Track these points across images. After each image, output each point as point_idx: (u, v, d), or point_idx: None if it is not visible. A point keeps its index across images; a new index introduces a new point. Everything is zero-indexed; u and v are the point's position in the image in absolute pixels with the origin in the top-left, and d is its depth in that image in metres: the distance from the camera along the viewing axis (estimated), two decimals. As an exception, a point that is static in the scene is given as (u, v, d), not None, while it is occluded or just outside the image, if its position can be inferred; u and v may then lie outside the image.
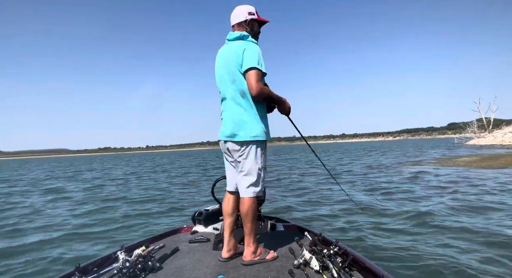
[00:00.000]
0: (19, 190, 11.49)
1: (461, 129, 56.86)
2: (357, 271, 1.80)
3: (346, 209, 5.58)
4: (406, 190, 7.34)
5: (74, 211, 6.79)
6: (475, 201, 5.69)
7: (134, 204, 7.35)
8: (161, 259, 2.12)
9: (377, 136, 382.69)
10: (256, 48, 2.00)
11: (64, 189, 11.25)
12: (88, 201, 8.07)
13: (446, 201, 5.76)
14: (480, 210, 4.99)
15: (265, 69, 1.97)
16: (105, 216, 6.06)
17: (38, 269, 3.38)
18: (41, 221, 5.85)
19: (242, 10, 2.12)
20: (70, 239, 4.50)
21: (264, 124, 2.08)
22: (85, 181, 14.42)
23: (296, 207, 6.00)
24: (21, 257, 3.76)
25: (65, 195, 9.43)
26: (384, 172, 11.58)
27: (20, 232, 5.10)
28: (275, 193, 7.85)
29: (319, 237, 2.22)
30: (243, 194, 2.05)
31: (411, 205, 5.68)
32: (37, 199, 8.94)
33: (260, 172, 2.06)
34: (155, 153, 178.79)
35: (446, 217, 4.63)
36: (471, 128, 43.48)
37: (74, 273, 1.79)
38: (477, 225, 4.13)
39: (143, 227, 5.07)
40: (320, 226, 4.54)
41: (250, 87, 1.93)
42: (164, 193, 9.02)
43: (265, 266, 1.95)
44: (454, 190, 6.98)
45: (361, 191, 7.51)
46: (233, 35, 2.09)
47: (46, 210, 7.00)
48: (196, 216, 2.87)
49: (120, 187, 11.03)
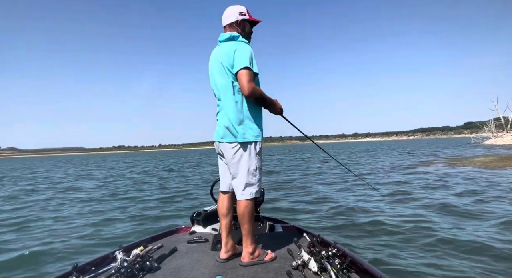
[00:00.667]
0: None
1: (478, 128, 55.41)
2: (355, 273, 1.79)
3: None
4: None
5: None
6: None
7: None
8: (159, 259, 2.12)
9: (390, 136, 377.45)
10: (247, 48, 1.99)
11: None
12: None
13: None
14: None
15: (256, 69, 1.97)
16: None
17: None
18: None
19: (233, 11, 2.11)
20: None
21: (258, 125, 2.07)
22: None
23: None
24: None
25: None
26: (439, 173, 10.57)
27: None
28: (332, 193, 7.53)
29: (318, 238, 2.22)
30: (240, 196, 2.03)
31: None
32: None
33: (256, 172, 2.04)
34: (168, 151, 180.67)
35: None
36: (488, 128, 42.25)
37: (72, 272, 1.79)
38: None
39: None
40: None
41: (242, 87, 1.93)
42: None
43: (263, 267, 1.94)
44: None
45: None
46: (224, 36, 2.09)
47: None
48: (194, 216, 2.87)
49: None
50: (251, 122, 2.02)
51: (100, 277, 1.87)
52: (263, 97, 2.02)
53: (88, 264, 2.02)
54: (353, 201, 6.40)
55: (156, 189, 9.94)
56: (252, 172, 2.02)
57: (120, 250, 2.10)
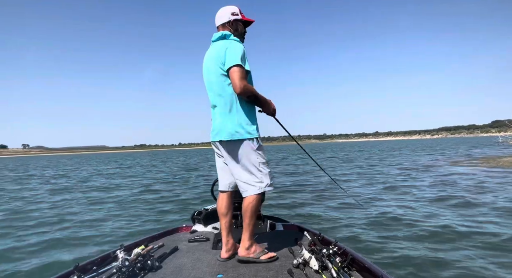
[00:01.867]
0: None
1: (507, 127, 52.86)
2: (356, 271, 1.78)
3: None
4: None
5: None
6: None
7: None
8: (160, 258, 2.13)
9: (413, 135, 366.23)
10: (239, 46, 2.00)
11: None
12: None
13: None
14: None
15: (248, 67, 1.97)
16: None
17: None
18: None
19: (225, 11, 2.14)
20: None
21: (254, 122, 2.07)
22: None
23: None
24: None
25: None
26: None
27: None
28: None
29: (319, 237, 2.21)
30: (249, 192, 2.01)
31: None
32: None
33: (258, 167, 2.02)
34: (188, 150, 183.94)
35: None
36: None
37: (73, 272, 1.81)
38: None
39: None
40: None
41: (233, 85, 1.93)
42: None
43: (264, 266, 1.95)
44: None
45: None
46: (216, 36, 2.12)
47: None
48: (195, 215, 2.88)
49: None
50: (246, 120, 2.02)
51: (102, 276, 1.88)
52: (255, 95, 2.01)
53: (89, 263, 2.04)
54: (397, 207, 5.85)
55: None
56: (257, 167, 2.01)
57: (121, 249, 2.12)
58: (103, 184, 12.59)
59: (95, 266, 2.01)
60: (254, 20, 2.21)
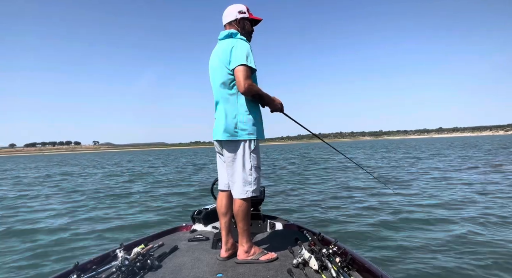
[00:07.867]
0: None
1: None
2: (356, 271, 1.79)
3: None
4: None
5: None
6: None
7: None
8: (160, 257, 2.14)
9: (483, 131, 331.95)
10: (245, 45, 1.99)
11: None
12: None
13: None
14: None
15: (254, 65, 1.96)
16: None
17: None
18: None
19: (233, 10, 2.14)
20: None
21: (255, 123, 2.04)
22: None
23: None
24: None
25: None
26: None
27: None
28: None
29: (318, 237, 2.21)
30: (236, 195, 2.03)
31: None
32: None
33: (251, 171, 2.02)
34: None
35: None
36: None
37: (73, 270, 1.83)
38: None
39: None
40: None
41: (238, 84, 1.93)
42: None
43: (264, 265, 1.95)
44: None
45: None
46: (222, 34, 2.12)
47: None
48: (195, 214, 2.88)
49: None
50: (247, 120, 2.01)
51: (101, 275, 1.88)
52: (260, 94, 2.00)
53: (89, 262, 2.05)
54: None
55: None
56: (247, 171, 2.01)
57: (121, 249, 2.13)
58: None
59: (94, 265, 2.02)
60: (261, 18, 2.20)
